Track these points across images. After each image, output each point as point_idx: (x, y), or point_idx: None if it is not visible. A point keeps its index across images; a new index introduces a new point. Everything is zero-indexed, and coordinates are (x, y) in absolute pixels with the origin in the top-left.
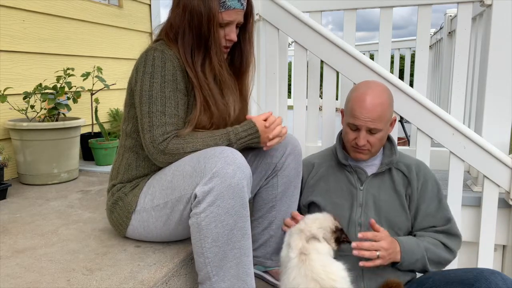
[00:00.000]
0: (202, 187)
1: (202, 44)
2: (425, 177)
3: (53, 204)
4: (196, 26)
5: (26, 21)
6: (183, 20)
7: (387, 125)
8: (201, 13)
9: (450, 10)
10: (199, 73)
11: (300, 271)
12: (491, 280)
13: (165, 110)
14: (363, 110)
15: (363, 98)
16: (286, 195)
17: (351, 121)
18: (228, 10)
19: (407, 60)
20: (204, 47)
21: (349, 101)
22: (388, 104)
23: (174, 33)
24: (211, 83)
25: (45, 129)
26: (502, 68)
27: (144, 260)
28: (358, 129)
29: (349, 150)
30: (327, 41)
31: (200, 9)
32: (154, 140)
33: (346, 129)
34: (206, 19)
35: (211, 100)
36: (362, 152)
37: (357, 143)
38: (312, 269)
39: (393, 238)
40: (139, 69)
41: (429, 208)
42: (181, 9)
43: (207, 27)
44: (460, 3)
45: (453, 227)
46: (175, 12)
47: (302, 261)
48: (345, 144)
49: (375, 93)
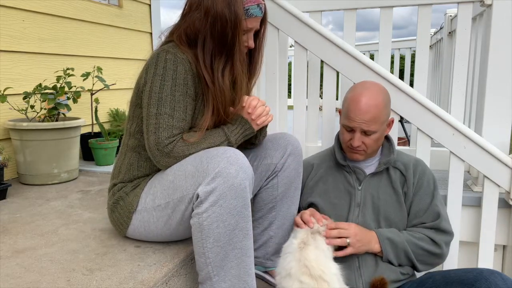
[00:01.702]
0: (204, 187)
1: (224, 50)
2: (421, 174)
3: (53, 204)
4: (219, 31)
5: (26, 21)
6: (205, 25)
7: (383, 126)
8: (226, 19)
9: (450, 10)
10: (218, 78)
11: (295, 256)
12: (491, 280)
13: (173, 114)
14: (357, 111)
15: (358, 100)
16: (287, 196)
17: (346, 122)
18: (251, 18)
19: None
20: (227, 53)
21: (345, 102)
22: (383, 106)
23: (193, 37)
24: (228, 89)
25: (45, 129)
26: (502, 68)
27: (144, 260)
28: (353, 130)
29: (345, 150)
30: (327, 41)
31: (225, 15)
32: (159, 142)
33: (341, 130)
34: (232, 25)
35: (223, 105)
36: (358, 153)
37: (351, 144)
38: (306, 257)
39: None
40: (150, 70)
41: (421, 203)
42: (202, 13)
43: (232, 33)
44: (460, 3)
45: (443, 223)
46: (195, 15)
47: (300, 248)
48: (342, 144)
49: (371, 94)
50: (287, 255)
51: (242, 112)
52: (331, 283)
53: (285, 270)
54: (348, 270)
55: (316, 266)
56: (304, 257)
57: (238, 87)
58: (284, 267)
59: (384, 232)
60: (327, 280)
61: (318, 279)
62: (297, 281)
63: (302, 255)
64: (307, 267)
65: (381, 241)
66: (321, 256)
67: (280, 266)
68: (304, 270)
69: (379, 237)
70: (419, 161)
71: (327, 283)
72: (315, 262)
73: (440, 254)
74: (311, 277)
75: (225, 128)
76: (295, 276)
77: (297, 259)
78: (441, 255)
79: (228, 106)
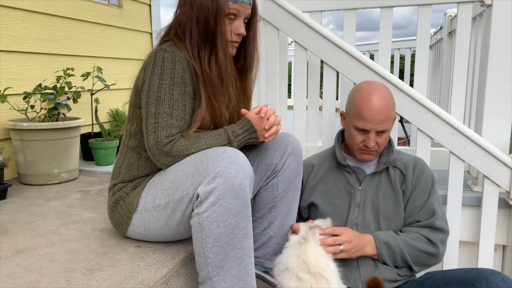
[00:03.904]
0: (204, 186)
1: (208, 39)
2: (420, 172)
3: (53, 204)
4: (203, 19)
5: (26, 21)
6: (190, 16)
7: (392, 123)
8: (207, 6)
9: (450, 10)
10: (205, 68)
11: (294, 251)
12: (491, 280)
13: (172, 112)
14: (372, 112)
15: (370, 100)
16: (287, 196)
17: (360, 125)
18: (236, 3)
19: (407, 60)
20: (211, 42)
21: (354, 104)
22: (392, 104)
23: (182, 30)
24: (216, 79)
25: (45, 129)
26: (502, 68)
27: (144, 260)
28: (366, 131)
29: (355, 152)
30: (327, 41)
31: (207, 2)
32: (158, 142)
33: (352, 132)
34: (213, 11)
35: (215, 96)
36: (371, 153)
37: (366, 145)
38: (305, 252)
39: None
40: (147, 69)
41: (417, 201)
42: (188, 6)
43: (213, 19)
44: (460, 3)
45: (437, 221)
46: (182, 10)
47: (299, 243)
48: (351, 146)
49: (381, 94)
50: (286, 249)
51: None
52: (330, 280)
53: (283, 264)
54: (347, 270)
55: (315, 263)
56: (303, 252)
57: (225, 79)
58: (283, 260)
59: (381, 235)
60: (326, 277)
61: (317, 276)
62: (295, 277)
63: (301, 250)
64: (306, 263)
65: (378, 245)
66: (321, 253)
67: (279, 259)
68: (303, 266)
69: (376, 241)
70: (418, 159)
71: (326, 280)
72: (314, 259)
73: (436, 253)
74: (310, 274)
75: (230, 131)
76: (293, 271)
77: (296, 254)
78: (437, 255)
79: (220, 97)
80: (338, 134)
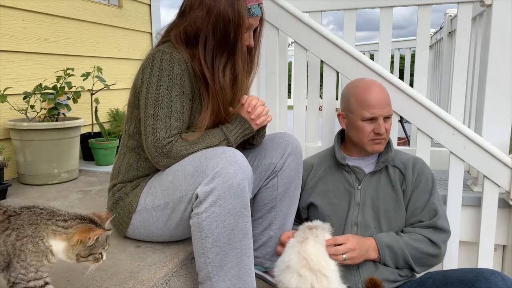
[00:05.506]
0: (203, 187)
1: (226, 49)
2: (420, 171)
3: (53, 204)
4: (222, 30)
5: (26, 21)
6: (207, 23)
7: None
8: (229, 18)
9: (450, 10)
10: (219, 77)
11: (295, 249)
12: (491, 280)
13: (170, 114)
14: (377, 97)
15: (370, 88)
16: (286, 196)
17: (368, 114)
18: (252, 17)
19: (407, 60)
20: (228, 52)
21: (354, 97)
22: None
23: (194, 35)
24: (228, 88)
25: (45, 129)
26: (502, 68)
27: (144, 260)
28: (374, 119)
29: (366, 145)
30: (327, 41)
31: (228, 13)
32: (157, 143)
33: (359, 125)
34: (234, 24)
35: (223, 104)
36: (381, 142)
37: (378, 132)
38: (305, 250)
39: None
40: (146, 71)
41: (419, 201)
42: (204, 12)
43: (234, 31)
44: (460, 3)
45: (440, 221)
46: (196, 15)
47: (299, 242)
48: (360, 141)
49: (377, 84)
50: (287, 248)
51: (242, 112)
52: (330, 278)
53: (284, 262)
54: (347, 270)
55: (316, 260)
56: (304, 250)
57: (239, 86)
58: (284, 259)
59: (383, 238)
60: (327, 275)
61: (318, 273)
62: (296, 274)
63: (302, 248)
64: (307, 260)
65: (380, 248)
66: (321, 251)
67: (279, 260)
68: (303, 263)
69: (378, 244)
70: (418, 159)
71: (326, 278)
72: (315, 256)
73: (438, 254)
74: (310, 271)
75: (224, 127)
76: (294, 268)
77: (297, 251)
78: (439, 255)
79: (227, 105)
80: (338, 134)
